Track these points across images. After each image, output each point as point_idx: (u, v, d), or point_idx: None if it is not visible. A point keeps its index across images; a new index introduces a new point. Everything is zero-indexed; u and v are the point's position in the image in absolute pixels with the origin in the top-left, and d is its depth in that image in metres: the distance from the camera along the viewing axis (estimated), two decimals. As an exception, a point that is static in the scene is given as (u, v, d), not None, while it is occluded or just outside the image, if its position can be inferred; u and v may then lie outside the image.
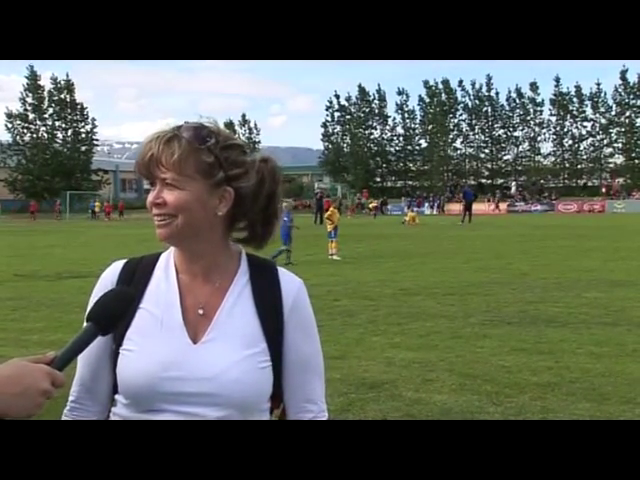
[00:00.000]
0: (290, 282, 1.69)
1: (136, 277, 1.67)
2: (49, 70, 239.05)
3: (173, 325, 1.60)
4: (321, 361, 1.74)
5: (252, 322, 1.62)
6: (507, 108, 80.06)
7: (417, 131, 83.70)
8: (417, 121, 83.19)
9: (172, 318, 1.61)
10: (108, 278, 1.69)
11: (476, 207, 44.40)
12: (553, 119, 78.22)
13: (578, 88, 76.73)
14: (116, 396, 1.65)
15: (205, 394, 1.55)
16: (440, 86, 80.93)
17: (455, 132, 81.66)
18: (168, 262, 1.69)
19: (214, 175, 1.57)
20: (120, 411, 1.63)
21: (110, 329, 1.48)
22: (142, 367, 1.57)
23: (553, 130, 78.35)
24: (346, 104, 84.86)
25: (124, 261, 1.72)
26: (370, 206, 58.66)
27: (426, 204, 64.33)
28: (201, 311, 1.62)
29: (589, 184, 73.72)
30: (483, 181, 78.95)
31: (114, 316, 1.48)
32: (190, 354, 1.57)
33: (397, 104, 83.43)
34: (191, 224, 1.58)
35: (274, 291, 1.66)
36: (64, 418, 1.68)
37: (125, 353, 1.60)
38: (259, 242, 1.72)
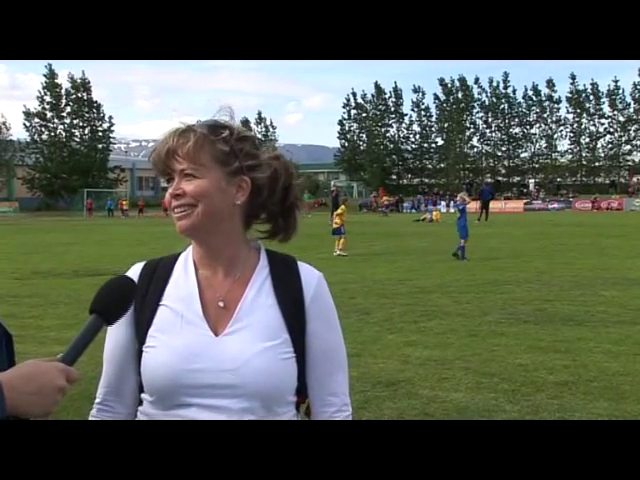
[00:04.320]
0: (310, 274, 1.72)
1: (155, 276, 1.69)
2: (66, 69, 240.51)
3: (193, 318, 1.62)
4: (344, 353, 1.75)
5: (273, 314, 1.63)
6: (524, 106, 79.61)
7: (433, 129, 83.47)
8: (433, 119, 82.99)
9: (192, 312, 1.62)
10: None
11: (492, 205, 44.20)
12: (570, 117, 77.79)
13: (594, 85, 76.15)
14: (142, 395, 1.66)
15: (227, 386, 1.56)
16: (457, 83, 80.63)
17: (472, 130, 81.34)
18: (187, 260, 1.71)
19: (230, 164, 1.60)
20: (146, 409, 1.64)
21: (115, 318, 1.47)
22: (164, 361, 1.58)
23: (570, 128, 77.86)
24: (362, 102, 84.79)
25: (144, 263, 1.74)
26: (384, 199, 58.38)
27: (442, 202, 63.96)
28: (221, 304, 1.63)
29: (609, 180, 73.07)
30: (500, 179, 78.53)
31: (117, 305, 1.47)
32: (212, 346, 1.58)
33: (413, 102, 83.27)
34: (211, 213, 1.59)
35: (294, 283, 1.68)
36: (91, 419, 1.69)
37: (148, 350, 1.62)
38: (283, 234, 1.74)
